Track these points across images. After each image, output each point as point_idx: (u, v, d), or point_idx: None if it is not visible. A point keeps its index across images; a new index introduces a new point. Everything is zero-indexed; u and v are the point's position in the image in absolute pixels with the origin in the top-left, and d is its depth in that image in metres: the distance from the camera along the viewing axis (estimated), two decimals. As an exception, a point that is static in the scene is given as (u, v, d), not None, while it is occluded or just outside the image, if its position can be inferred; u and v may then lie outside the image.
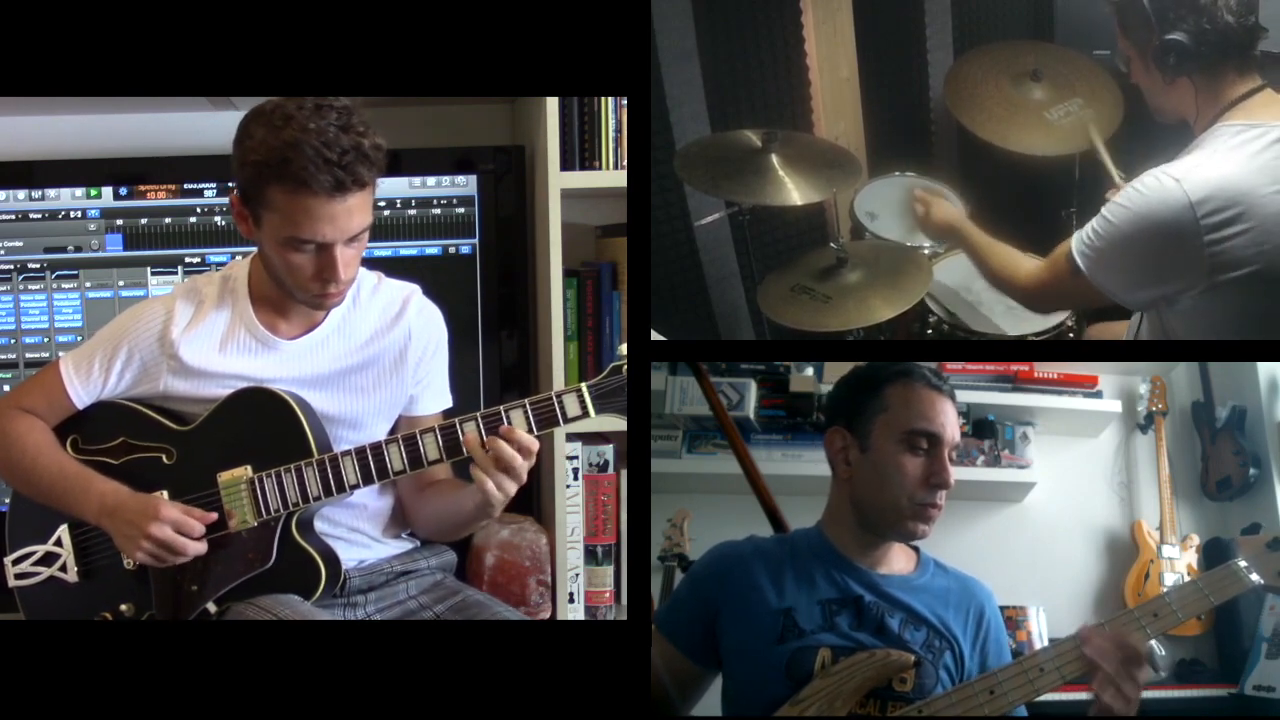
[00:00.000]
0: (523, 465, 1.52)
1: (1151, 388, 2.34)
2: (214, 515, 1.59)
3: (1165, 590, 1.41)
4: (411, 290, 1.76)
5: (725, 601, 1.41)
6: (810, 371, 2.26)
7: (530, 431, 1.53)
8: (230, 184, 2.09)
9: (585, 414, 1.53)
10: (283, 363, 1.67)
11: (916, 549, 1.48)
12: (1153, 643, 2.14)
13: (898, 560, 1.45)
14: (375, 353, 1.71)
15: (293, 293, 1.61)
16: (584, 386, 1.53)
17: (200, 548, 1.58)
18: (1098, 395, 2.31)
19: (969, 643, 1.39)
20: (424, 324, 1.75)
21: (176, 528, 1.56)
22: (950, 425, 1.41)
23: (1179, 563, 2.20)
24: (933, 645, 1.36)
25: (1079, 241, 1.61)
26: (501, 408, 1.54)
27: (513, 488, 1.54)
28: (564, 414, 1.53)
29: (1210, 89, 1.58)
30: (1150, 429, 2.33)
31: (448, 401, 1.81)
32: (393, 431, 1.76)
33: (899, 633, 1.35)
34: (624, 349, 1.53)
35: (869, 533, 1.42)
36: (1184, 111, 1.63)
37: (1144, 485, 2.32)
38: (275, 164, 1.47)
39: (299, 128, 1.47)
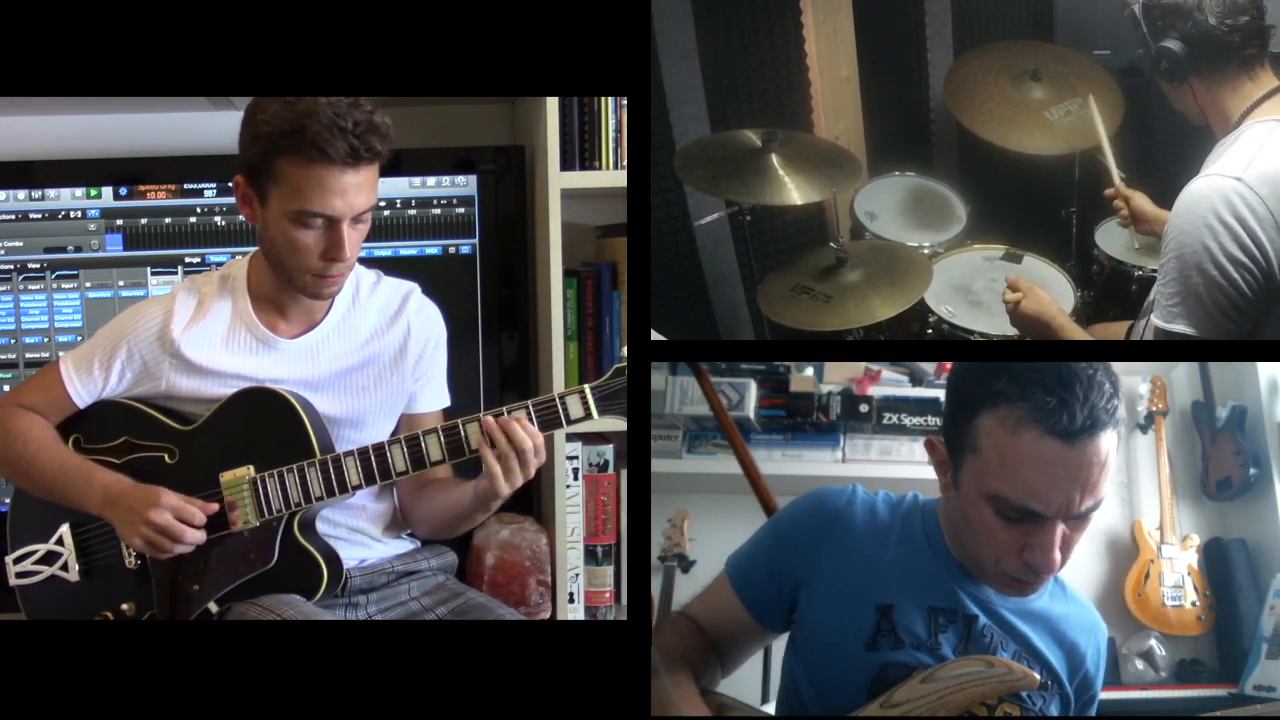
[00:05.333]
0: (531, 452, 1.52)
1: (1151, 388, 2.34)
2: (215, 506, 1.59)
3: None
4: (410, 288, 1.76)
5: (813, 571, 1.22)
6: (810, 371, 2.26)
7: (532, 434, 1.53)
8: (231, 184, 2.12)
9: (588, 415, 1.53)
10: (283, 362, 1.67)
11: None
12: (1153, 642, 2.16)
13: None
14: (375, 351, 1.71)
15: (293, 278, 1.59)
16: (587, 388, 1.53)
17: (199, 536, 1.58)
18: (1098, 395, 2.31)
19: (1069, 682, 1.23)
20: (423, 321, 1.75)
21: (176, 514, 1.56)
22: (1068, 499, 1.03)
23: (1179, 563, 2.20)
24: (1044, 687, 1.19)
25: (1161, 313, 1.49)
26: (505, 409, 1.54)
27: (519, 478, 1.53)
28: (567, 415, 1.53)
29: (1217, 92, 1.54)
30: (1150, 429, 2.34)
31: (446, 400, 1.81)
32: (394, 431, 1.76)
33: None
34: (627, 351, 1.54)
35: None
36: (1201, 112, 1.59)
37: (1144, 485, 2.32)
38: (290, 133, 1.49)
39: (312, 102, 1.50)
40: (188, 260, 2.14)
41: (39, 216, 2.13)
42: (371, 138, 1.50)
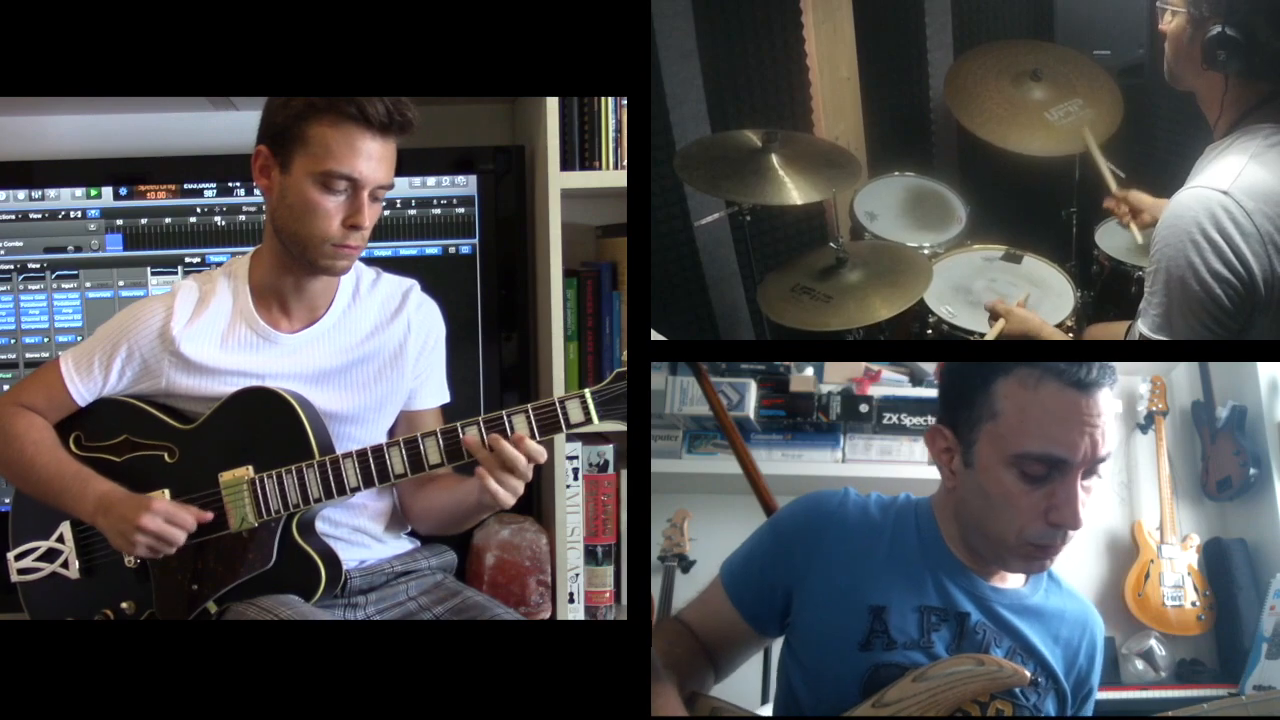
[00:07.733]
0: (526, 465, 1.52)
1: (1151, 388, 2.34)
2: (210, 515, 1.59)
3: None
4: (410, 285, 1.77)
5: (807, 574, 1.23)
6: (810, 371, 2.26)
7: (532, 436, 1.52)
8: (231, 184, 2.13)
9: (588, 420, 1.53)
10: (283, 357, 1.67)
11: None
12: (1153, 642, 2.16)
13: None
14: (375, 347, 1.71)
15: (309, 248, 1.59)
16: (588, 393, 1.52)
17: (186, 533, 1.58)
18: (1098, 395, 2.31)
19: (1065, 677, 1.23)
20: (423, 318, 1.76)
21: (168, 518, 1.56)
22: (1090, 444, 1.10)
23: (1179, 562, 2.20)
24: (1037, 683, 1.20)
25: (1147, 321, 1.50)
26: (504, 412, 1.53)
27: (519, 486, 1.53)
28: (567, 420, 1.53)
29: (1241, 92, 1.50)
30: (1150, 429, 2.34)
31: (446, 397, 1.82)
32: (393, 427, 1.76)
33: None
34: (627, 355, 1.54)
35: (975, 552, 1.22)
36: (1202, 97, 1.56)
37: (1144, 485, 2.32)
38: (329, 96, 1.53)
39: None
40: (188, 260, 2.14)
41: (39, 216, 2.12)
42: (404, 108, 1.56)
